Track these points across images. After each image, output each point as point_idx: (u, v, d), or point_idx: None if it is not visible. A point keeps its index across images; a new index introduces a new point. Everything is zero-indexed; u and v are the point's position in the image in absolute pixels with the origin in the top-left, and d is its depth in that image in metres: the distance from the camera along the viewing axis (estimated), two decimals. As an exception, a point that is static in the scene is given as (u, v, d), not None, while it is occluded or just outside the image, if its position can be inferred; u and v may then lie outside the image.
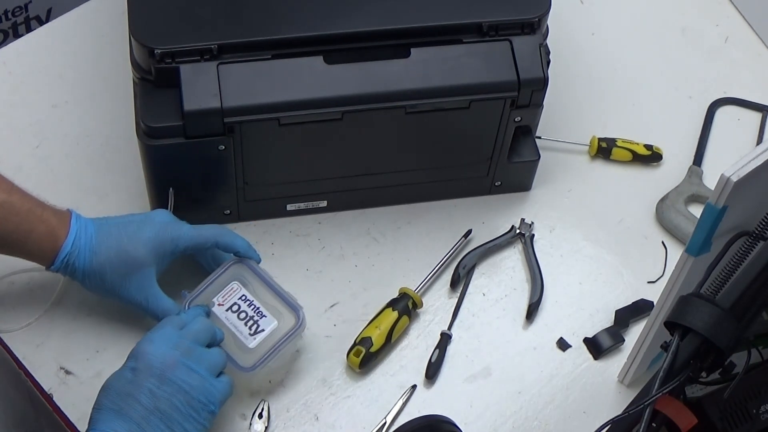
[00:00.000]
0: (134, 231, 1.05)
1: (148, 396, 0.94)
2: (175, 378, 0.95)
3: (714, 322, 0.83)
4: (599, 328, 1.14)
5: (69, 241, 1.03)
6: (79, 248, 1.03)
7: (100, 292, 1.06)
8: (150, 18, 1.08)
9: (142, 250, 1.04)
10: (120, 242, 1.04)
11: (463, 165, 1.20)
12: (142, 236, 1.04)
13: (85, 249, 1.03)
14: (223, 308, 1.06)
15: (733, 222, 0.88)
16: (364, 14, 1.10)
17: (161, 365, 0.95)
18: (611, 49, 1.39)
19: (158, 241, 1.05)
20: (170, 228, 1.06)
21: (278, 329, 1.05)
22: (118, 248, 1.04)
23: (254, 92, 1.06)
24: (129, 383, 0.94)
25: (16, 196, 1.03)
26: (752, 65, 1.40)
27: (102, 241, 1.04)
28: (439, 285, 1.17)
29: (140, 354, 0.96)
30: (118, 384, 0.95)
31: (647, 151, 1.28)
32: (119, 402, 0.94)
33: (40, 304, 1.11)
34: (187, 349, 0.97)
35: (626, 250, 1.21)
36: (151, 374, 0.95)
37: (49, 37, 1.34)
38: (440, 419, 1.03)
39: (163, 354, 0.96)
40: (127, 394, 0.94)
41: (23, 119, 1.26)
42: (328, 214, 1.21)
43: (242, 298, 1.07)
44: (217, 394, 0.97)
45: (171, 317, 1.02)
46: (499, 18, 1.11)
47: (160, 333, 0.98)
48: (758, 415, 0.92)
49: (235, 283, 1.07)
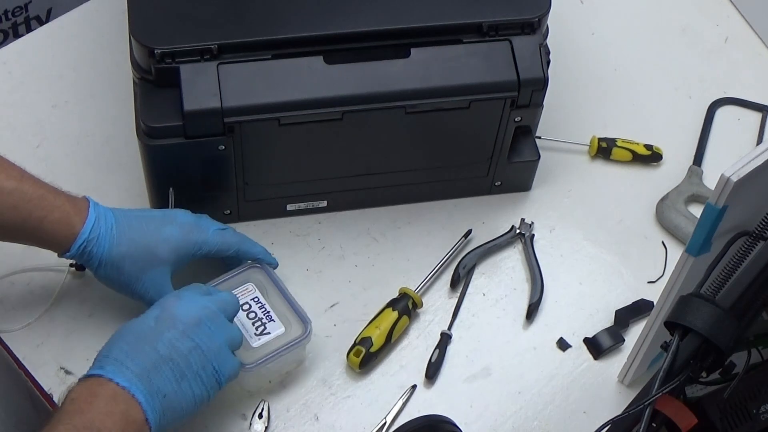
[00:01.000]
0: (157, 227, 1.04)
1: (165, 345, 0.93)
2: (195, 337, 0.94)
3: (714, 322, 0.83)
4: (599, 328, 1.14)
5: (87, 228, 1.01)
6: (98, 235, 1.02)
7: (113, 283, 1.05)
8: (150, 18, 1.08)
9: (165, 248, 1.03)
10: (143, 236, 1.03)
11: (463, 165, 1.20)
12: (165, 234, 1.04)
13: (105, 237, 1.02)
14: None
15: (733, 222, 0.88)
16: (364, 14, 1.10)
17: (186, 320, 0.95)
18: (611, 49, 1.39)
19: (182, 242, 1.04)
20: (195, 232, 1.06)
21: (284, 336, 1.05)
22: (141, 242, 1.03)
23: (254, 92, 1.06)
24: (149, 329, 0.94)
25: (28, 183, 1.01)
26: (752, 65, 1.40)
27: (123, 232, 1.03)
28: (439, 285, 1.17)
29: (166, 306, 0.96)
30: (138, 328, 0.95)
31: (647, 151, 1.28)
32: (135, 344, 0.93)
33: (40, 304, 1.11)
34: (213, 313, 0.97)
35: (626, 250, 1.21)
36: (173, 326, 0.94)
37: (49, 37, 1.34)
38: (440, 419, 1.03)
39: (188, 311, 0.96)
40: (144, 337, 0.93)
41: (23, 119, 1.26)
42: (328, 214, 1.21)
43: (255, 300, 1.07)
44: (228, 368, 0.97)
45: (198, 284, 1.02)
46: (499, 18, 1.11)
47: (189, 293, 0.98)
48: (758, 415, 0.92)
49: (250, 285, 1.08)
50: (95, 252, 1.02)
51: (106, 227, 1.02)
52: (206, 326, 0.96)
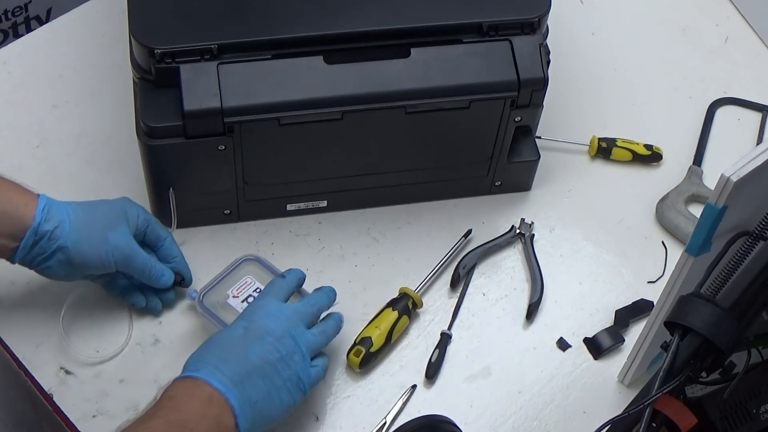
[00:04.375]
0: (104, 201, 1.07)
1: (257, 355, 0.96)
2: (282, 348, 0.97)
3: (714, 322, 0.83)
4: (599, 328, 1.14)
5: (43, 197, 1.02)
6: (54, 202, 1.03)
7: (88, 241, 1.03)
8: (150, 18, 1.08)
9: (117, 207, 1.06)
10: (94, 204, 1.06)
11: (463, 165, 1.20)
12: (114, 202, 1.07)
13: (61, 203, 1.03)
14: (239, 300, 1.08)
15: (733, 222, 0.88)
16: (364, 14, 1.10)
17: (274, 332, 0.98)
18: (611, 49, 1.39)
19: (130, 206, 1.07)
20: (125, 200, 1.09)
21: None
22: (92, 205, 1.05)
23: (254, 92, 1.06)
24: (240, 339, 0.97)
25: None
26: (752, 65, 1.40)
27: (76, 207, 1.05)
28: (439, 285, 1.17)
29: (254, 318, 0.99)
30: (228, 338, 0.97)
31: (647, 151, 1.28)
32: (227, 352, 0.95)
33: (41, 304, 1.11)
34: (296, 324, 1.00)
35: (626, 250, 1.21)
36: (262, 337, 0.97)
37: (49, 37, 1.34)
38: (440, 419, 1.03)
39: (276, 323, 0.98)
40: (235, 347, 0.96)
41: (23, 119, 1.26)
42: (328, 214, 1.21)
43: (257, 291, 1.09)
44: (312, 376, 1.00)
45: (277, 282, 1.04)
46: (499, 18, 1.11)
47: (273, 303, 1.01)
48: (758, 415, 0.92)
49: (249, 278, 1.09)
50: (61, 211, 1.02)
51: (58, 205, 1.03)
52: (291, 337, 0.99)
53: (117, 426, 1.00)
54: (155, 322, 1.11)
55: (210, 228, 1.18)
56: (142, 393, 1.06)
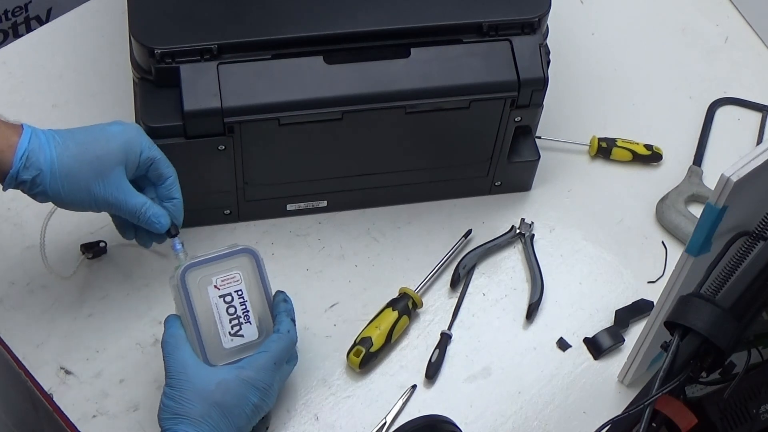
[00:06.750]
0: (101, 127, 1.01)
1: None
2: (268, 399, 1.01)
3: (714, 322, 0.83)
4: (599, 328, 1.14)
5: (25, 138, 0.98)
6: (39, 144, 0.98)
7: (69, 194, 0.99)
8: (150, 18, 1.08)
9: (114, 144, 1.00)
10: (89, 134, 1.00)
11: (463, 165, 1.20)
12: (111, 130, 1.01)
13: (47, 144, 0.98)
14: (218, 293, 1.01)
15: (733, 222, 0.88)
16: (364, 14, 1.10)
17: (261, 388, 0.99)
18: (611, 49, 1.39)
19: (128, 138, 1.01)
20: (135, 130, 1.02)
21: (255, 344, 1.01)
22: (89, 139, 1.00)
23: (254, 92, 1.06)
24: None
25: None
26: (752, 65, 1.40)
27: (67, 137, 1.00)
28: (439, 285, 1.17)
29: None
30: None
31: (647, 151, 1.28)
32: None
33: (40, 304, 1.11)
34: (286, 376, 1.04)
35: (626, 250, 1.21)
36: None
37: (49, 37, 1.34)
38: (440, 419, 1.03)
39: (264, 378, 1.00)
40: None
41: (23, 119, 1.25)
42: (328, 214, 1.21)
43: (238, 293, 1.02)
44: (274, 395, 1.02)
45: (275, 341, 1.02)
46: (499, 18, 1.11)
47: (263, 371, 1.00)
48: (758, 415, 0.92)
49: (238, 273, 1.02)
50: (41, 160, 0.97)
51: (46, 136, 0.99)
52: (275, 390, 1.01)
53: (117, 426, 1.00)
54: (155, 322, 1.11)
55: (210, 228, 1.18)
56: (142, 393, 1.06)
